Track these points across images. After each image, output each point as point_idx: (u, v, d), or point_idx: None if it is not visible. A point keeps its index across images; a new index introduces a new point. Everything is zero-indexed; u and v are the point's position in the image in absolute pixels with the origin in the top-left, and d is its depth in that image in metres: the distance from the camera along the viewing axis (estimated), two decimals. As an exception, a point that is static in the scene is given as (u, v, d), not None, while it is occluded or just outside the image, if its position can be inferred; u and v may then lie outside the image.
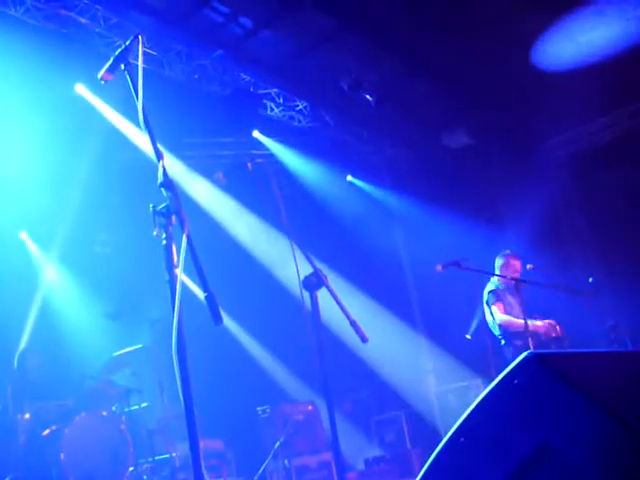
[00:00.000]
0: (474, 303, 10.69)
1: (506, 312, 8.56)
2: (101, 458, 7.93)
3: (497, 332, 8.68)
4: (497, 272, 8.90)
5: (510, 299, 8.73)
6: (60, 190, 9.75)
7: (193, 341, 3.13)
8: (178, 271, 2.91)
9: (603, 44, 9.67)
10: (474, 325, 10.87)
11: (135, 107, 3.21)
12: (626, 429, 1.87)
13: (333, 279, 3.90)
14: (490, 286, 8.90)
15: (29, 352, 8.93)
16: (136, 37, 3.39)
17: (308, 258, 3.93)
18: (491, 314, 8.68)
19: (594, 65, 9.76)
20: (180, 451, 8.58)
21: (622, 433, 1.88)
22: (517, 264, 8.80)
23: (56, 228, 10.28)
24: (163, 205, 2.96)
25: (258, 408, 10.33)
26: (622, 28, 9.45)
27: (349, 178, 13.08)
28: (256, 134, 11.56)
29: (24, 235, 10.86)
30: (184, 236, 2.84)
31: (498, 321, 8.56)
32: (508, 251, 8.97)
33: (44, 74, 8.30)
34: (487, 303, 8.82)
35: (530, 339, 7.88)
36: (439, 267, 7.98)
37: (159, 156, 3.05)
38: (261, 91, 10.71)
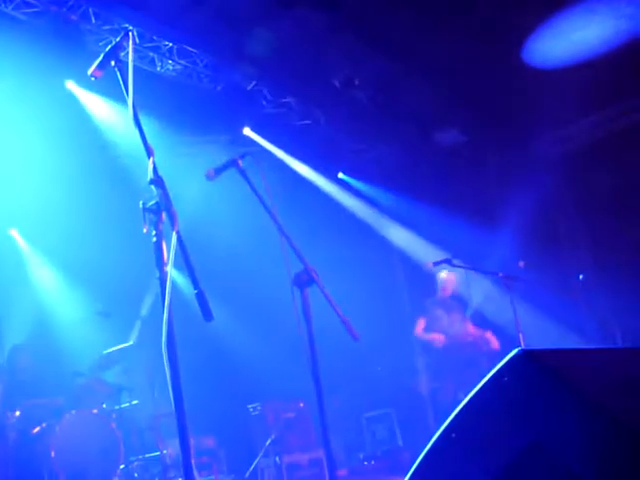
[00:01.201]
0: (465, 300, 10.70)
1: (428, 325, 9.67)
2: (92, 456, 7.92)
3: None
4: (438, 285, 9.92)
5: (439, 312, 9.72)
6: (50, 187, 9.71)
7: (184, 338, 3.12)
8: (168, 268, 2.91)
9: (595, 42, 9.68)
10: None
11: (126, 103, 3.20)
12: (616, 426, 1.87)
13: (324, 276, 3.89)
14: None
15: (19, 349, 8.90)
16: (127, 34, 3.38)
17: (299, 255, 3.93)
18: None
19: (586, 63, 9.78)
20: (171, 449, 8.57)
21: (612, 430, 1.88)
22: (453, 280, 9.87)
23: (46, 225, 10.24)
24: (153, 202, 2.96)
25: (249, 405, 10.34)
26: (614, 26, 9.47)
27: (340, 175, 13.08)
28: (247, 131, 11.55)
29: (14, 232, 10.83)
30: (174, 233, 2.83)
31: (415, 333, 9.82)
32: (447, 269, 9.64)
33: (34, 71, 8.27)
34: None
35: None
36: (430, 264, 8.05)
37: (149, 153, 3.05)
38: (252, 87, 10.69)
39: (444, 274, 9.84)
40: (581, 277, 9.01)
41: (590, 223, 11.66)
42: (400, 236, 12.70)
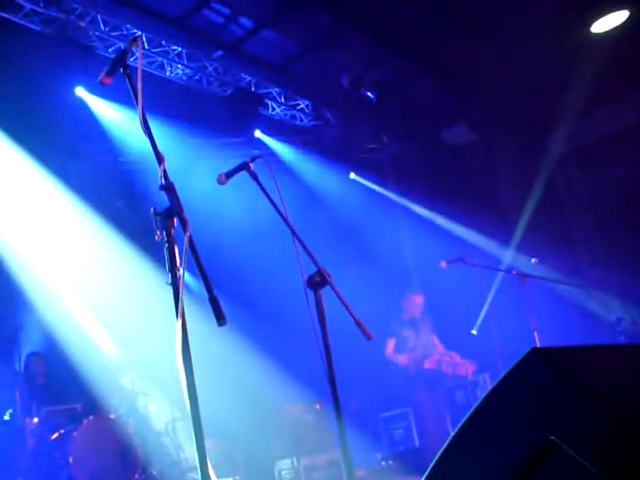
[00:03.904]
0: (479, 298, 10.68)
1: (397, 347, 9.82)
2: (110, 461, 7.93)
3: None
4: (405, 306, 10.20)
5: (407, 332, 9.94)
6: (59, 193, 9.74)
7: (198, 341, 3.13)
8: (181, 273, 2.91)
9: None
10: (480, 320, 10.86)
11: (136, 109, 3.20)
12: (631, 422, 1.87)
13: (337, 278, 3.89)
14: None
15: (35, 356, 8.94)
16: (135, 39, 3.38)
17: (311, 257, 3.93)
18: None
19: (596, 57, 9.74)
20: (188, 452, 8.59)
21: (627, 426, 1.87)
22: (418, 299, 10.19)
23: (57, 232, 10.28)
24: (164, 208, 2.97)
25: (266, 407, 10.33)
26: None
27: (352, 176, 13.07)
28: (258, 134, 11.57)
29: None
30: (186, 238, 2.83)
31: (386, 354, 9.88)
32: (412, 289, 10.53)
33: (44, 78, 8.31)
34: None
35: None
36: (443, 263, 8.06)
37: (160, 159, 3.05)
38: (262, 90, 10.72)
39: (413, 297, 10.23)
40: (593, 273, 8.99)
41: (603, 218, 11.62)
42: (413, 235, 12.69)
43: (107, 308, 10.17)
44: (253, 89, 10.53)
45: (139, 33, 8.90)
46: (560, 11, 9.05)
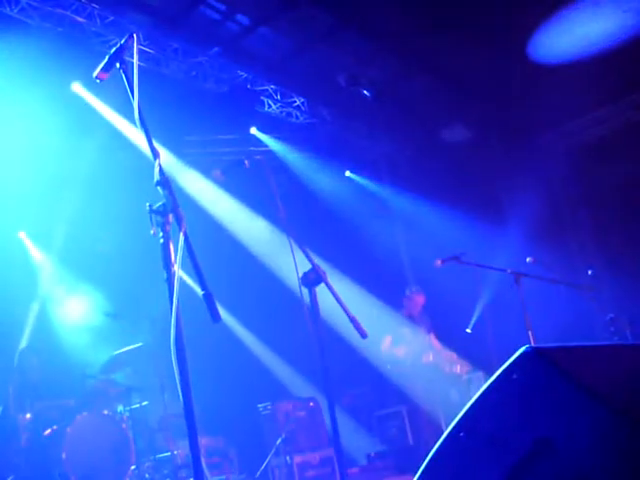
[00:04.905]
0: (474, 297, 10.69)
1: (394, 342, 9.86)
2: (103, 457, 7.94)
3: None
4: (405, 303, 10.26)
5: (404, 329, 10.00)
6: (59, 189, 9.74)
7: (193, 339, 3.13)
8: (176, 269, 2.90)
9: (600, 36, 9.65)
10: (474, 319, 10.88)
11: (132, 105, 3.19)
12: (626, 422, 1.87)
13: (332, 275, 3.89)
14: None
15: (29, 351, 8.92)
16: (131, 35, 3.37)
17: (307, 254, 3.93)
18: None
19: (592, 57, 9.75)
20: (182, 449, 8.59)
21: (621, 427, 1.87)
22: (419, 298, 10.21)
23: (55, 227, 10.28)
24: (160, 204, 2.96)
25: (259, 405, 10.33)
26: (619, 20, 9.44)
27: (348, 174, 13.07)
28: (254, 131, 11.56)
29: (23, 235, 10.85)
30: (181, 234, 2.83)
31: (382, 349, 9.90)
32: (415, 288, 10.37)
33: (41, 73, 8.29)
34: None
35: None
36: (438, 262, 8.02)
37: (155, 155, 3.04)
38: (258, 88, 10.70)
39: (415, 295, 10.23)
40: (590, 272, 8.97)
41: (598, 217, 11.62)
42: (408, 233, 12.69)
43: (103, 302, 10.19)
44: (249, 86, 10.51)
45: (136, 29, 8.87)
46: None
